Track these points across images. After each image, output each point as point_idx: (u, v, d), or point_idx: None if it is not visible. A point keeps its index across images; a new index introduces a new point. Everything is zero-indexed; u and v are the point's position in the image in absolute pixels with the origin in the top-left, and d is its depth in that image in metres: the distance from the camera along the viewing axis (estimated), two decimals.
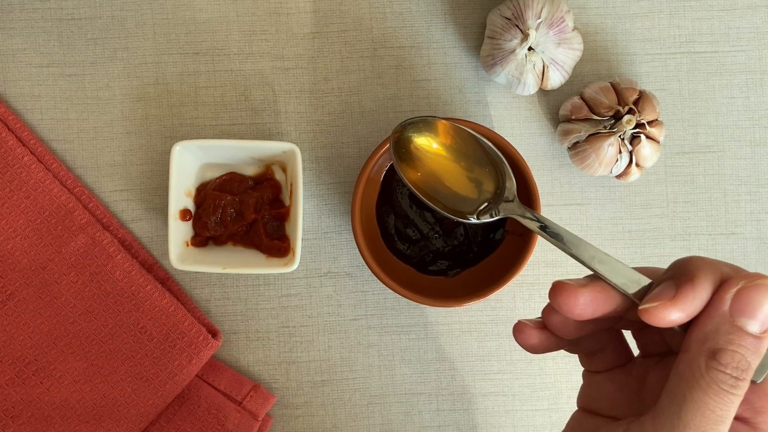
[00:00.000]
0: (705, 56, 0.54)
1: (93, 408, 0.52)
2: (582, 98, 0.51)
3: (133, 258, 0.53)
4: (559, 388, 0.55)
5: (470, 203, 0.45)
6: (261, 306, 0.54)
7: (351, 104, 0.54)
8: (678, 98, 0.54)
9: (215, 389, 0.53)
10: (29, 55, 0.54)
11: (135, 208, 0.54)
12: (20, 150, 0.52)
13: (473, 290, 0.50)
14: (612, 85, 0.51)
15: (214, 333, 0.53)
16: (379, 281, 0.50)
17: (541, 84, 0.51)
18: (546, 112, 0.54)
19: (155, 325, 0.52)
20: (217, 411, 0.52)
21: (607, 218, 0.55)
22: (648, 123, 0.49)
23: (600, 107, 0.50)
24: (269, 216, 0.52)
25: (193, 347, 0.52)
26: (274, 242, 0.51)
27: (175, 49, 0.54)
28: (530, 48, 0.49)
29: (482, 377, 0.54)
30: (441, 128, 0.46)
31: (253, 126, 0.54)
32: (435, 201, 0.45)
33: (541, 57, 0.50)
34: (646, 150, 0.49)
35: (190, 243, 0.52)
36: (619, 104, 0.49)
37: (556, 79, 0.51)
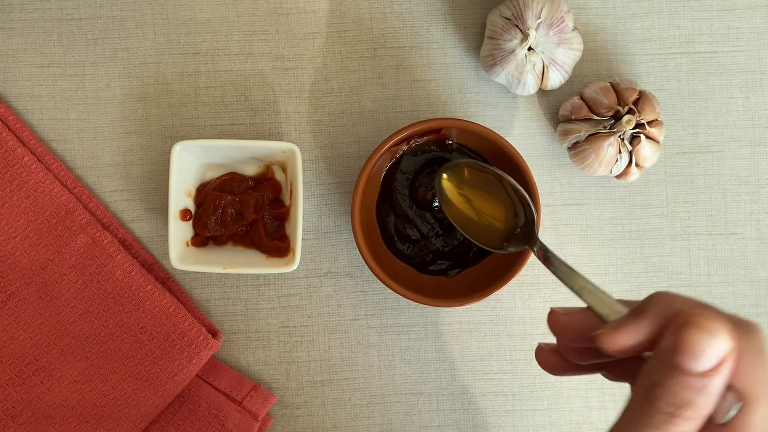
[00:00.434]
0: (705, 56, 0.54)
1: (93, 408, 0.52)
2: (582, 98, 0.51)
3: (134, 258, 0.53)
4: (559, 388, 0.55)
5: (497, 234, 0.49)
6: (261, 306, 0.54)
7: (351, 104, 0.54)
8: (678, 98, 0.54)
9: (215, 389, 0.53)
10: (29, 55, 0.54)
11: (135, 208, 0.54)
12: (20, 150, 0.52)
13: (473, 290, 0.50)
14: (612, 85, 0.51)
15: (215, 333, 0.53)
16: (379, 281, 0.50)
17: (541, 84, 0.51)
18: (546, 112, 0.54)
19: (155, 325, 0.52)
20: (218, 411, 0.52)
21: (607, 218, 0.55)
22: (648, 123, 0.49)
23: (600, 107, 0.50)
24: (269, 216, 0.52)
25: (194, 347, 0.52)
26: (274, 242, 0.51)
27: (176, 49, 0.54)
28: (530, 48, 0.49)
29: (482, 377, 0.54)
30: (468, 171, 0.50)
31: (253, 126, 0.54)
32: (469, 233, 0.50)
33: (541, 57, 0.50)
34: (646, 150, 0.49)
35: (191, 243, 0.52)
36: (619, 104, 0.49)
37: (556, 79, 0.51)
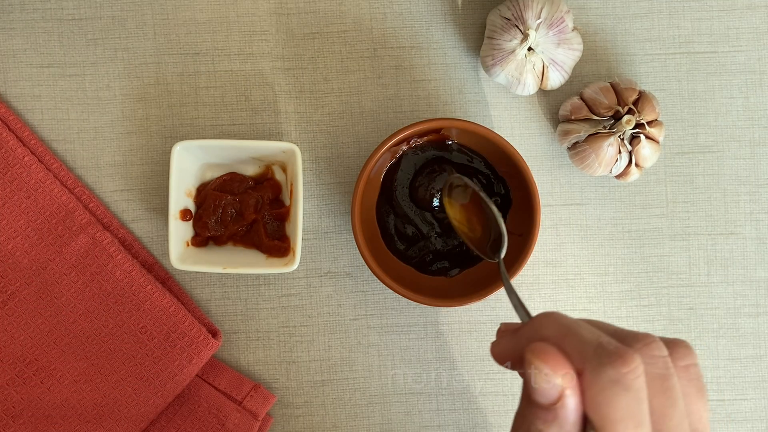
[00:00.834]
0: (704, 56, 0.54)
1: (93, 408, 0.52)
2: (582, 98, 0.51)
3: (134, 258, 0.53)
4: None
5: (484, 243, 0.49)
6: (261, 306, 0.54)
7: (351, 104, 0.54)
8: (677, 98, 0.54)
9: (215, 389, 0.53)
10: (30, 56, 0.54)
11: (135, 208, 0.54)
12: (21, 150, 0.52)
13: (473, 290, 0.50)
14: (612, 86, 0.51)
15: (215, 333, 0.53)
16: (379, 281, 0.50)
17: (541, 84, 0.51)
18: (546, 112, 0.54)
19: (156, 325, 0.52)
20: (218, 411, 0.52)
21: (607, 218, 0.55)
22: (647, 123, 0.49)
23: (600, 107, 0.50)
24: (269, 216, 0.52)
25: (194, 347, 0.52)
26: (275, 242, 0.51)
27: (176, 50, 0.54)
28: (530, 48, 0.49)
29: (482, 377, 0.55)
30: (461, 188, 0.51)
31: (253, 126, 0.54)
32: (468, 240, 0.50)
33: (541, 57, 0.50)
34: (646, 150, 0.49)
35: (191, 243, 0.52)
36: (619, 104, 0.49)
37: (556, 80, 0.51)
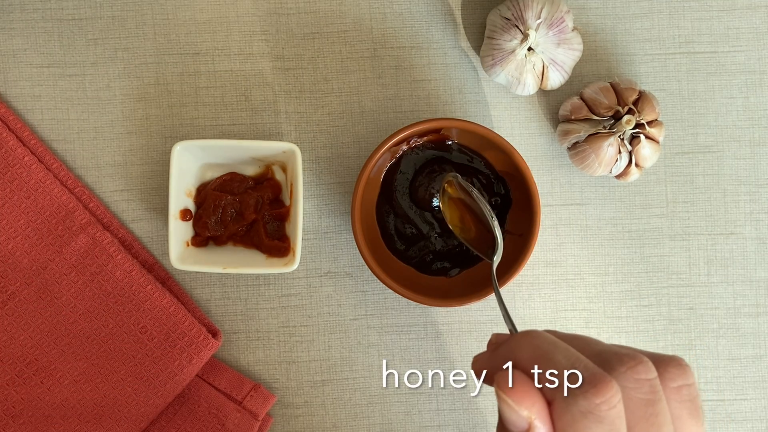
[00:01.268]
0: (704, 56, 0.54)
1: (93, 408, 0.52)
2: (582, 98, 0.51)
3: (134, 258, 0.53)
4: None
5: (485, 243, 0.50)
6: (261, 306, 0.54)
7: (351, 104, 0.54)
8: (677, 98, 0.54)
9: (215, 389, 0.53)
10: (30, 56, 0.54)
11: (135, 208, 0.54)
12: (21, 150, 0.52)
13: (473, 290, 0.50)
14: (612, 86, 0.51)
15: (215, 333, 0.53)
16: (379, 281, 0.50)
17: (541, 84, 0.51)
18: (546, 113, 0.54)
19: (156, 325, 0.52)
20: (218, 411, 0.52)
21: (607, 218, 0.55)
22: (647, 123, 0.49)
23: (600, 107, 0.50)
24: (269, 216, 0.52)
25: (194, 347, 0.52)
26: (274, 242, 0.51)
27: (176, 50, 0.54)
28: (530, 48, 0.49)
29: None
30: (457, 187, 0.50)
31: (253, 126, 0.54)
32: (465, 239, 0.51)
33: (541, 57, 0.50)
34: (646, 150, 0.49)
35: (191, 243, 0.52)
36: (619, 104, 0.49)
37: (556, 80, 0.51)
